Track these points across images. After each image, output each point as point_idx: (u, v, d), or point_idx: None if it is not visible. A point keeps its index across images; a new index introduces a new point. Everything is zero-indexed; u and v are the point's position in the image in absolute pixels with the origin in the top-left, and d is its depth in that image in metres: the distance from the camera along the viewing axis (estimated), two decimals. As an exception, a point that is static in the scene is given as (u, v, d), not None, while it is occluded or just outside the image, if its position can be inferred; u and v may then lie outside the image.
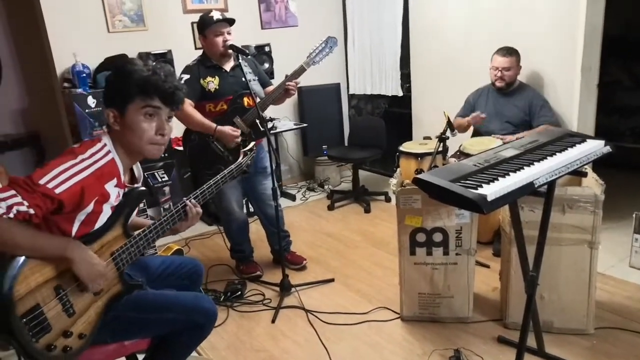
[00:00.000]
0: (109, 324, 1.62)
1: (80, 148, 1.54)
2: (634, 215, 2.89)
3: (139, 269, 1.89)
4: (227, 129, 2.74)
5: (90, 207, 1.51)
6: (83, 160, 1.50)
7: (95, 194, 1.51)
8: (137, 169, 1.78)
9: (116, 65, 1.65)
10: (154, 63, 1.68)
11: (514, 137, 3.21)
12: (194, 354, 2.44)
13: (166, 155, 3.92)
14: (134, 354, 1.86)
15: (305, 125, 4.84)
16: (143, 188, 1.75)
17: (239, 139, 2.75)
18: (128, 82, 1.58)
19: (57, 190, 1.42)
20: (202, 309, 1.77)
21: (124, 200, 1.64)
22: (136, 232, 1.65)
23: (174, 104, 1.66)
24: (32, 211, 1.38)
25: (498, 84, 3.39)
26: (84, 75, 3.66)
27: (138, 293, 1.70)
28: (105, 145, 1.59)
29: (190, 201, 1.76)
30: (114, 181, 1.58)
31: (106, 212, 1.58)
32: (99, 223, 1.57)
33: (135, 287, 1.69)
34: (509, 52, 3.32)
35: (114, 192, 1.58)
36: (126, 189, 1.66)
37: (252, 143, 2.19)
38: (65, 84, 3.76)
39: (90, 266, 1.50)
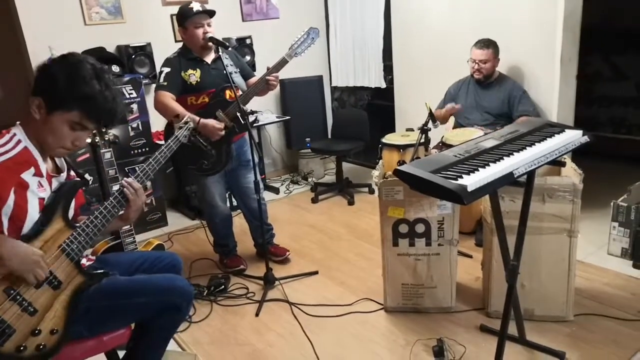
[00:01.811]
0: (83, 316, 1.60)
1: None
2: (611, 204, 2.94)
3: (115, 263, 1.87)
4: (211, 122, 2.70)
5: (11, 199, 1.46)
6: None
7: (9, 184, 1.46)
8: (59, 159, 1.71)
9: (70, 60, 1.52)
10: (107, 77, 1.56)
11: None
12: (177, 348, 2.44)
13: (147, 149, 3.87)
14: (114, 349, 1.83)
15: (288, 118, 4.82)
16: (77, 179, 1.72)
17: (223, 133, 2.72)
18: (75, 92, 1.50)
19: None
20: (175, 288, 1.76)
21: (58, 193, 1.60)
22: (82, 222, 1.61)
23: (105, 127, 1.63)
24: None
25: (476, 76, 3.42)
26: (61, 68, 3.58)
27: (108, 281, 1.68)
28: (14, 135, 1.53)
29: (124, 181, 1.70)
30: (32, 170, 1.53)
31: (32, 202, 1.52)
32: (30, 216, 1.51)
33: (101, 276, 1.66)
34: (486, 44, 3.34)
35: (34, 181, 1.53)
36: (53, 178, 1.61)
37: (187, 116, 2.13)
38: (42, 78, 3.67)
39: (21, 257, 1.43)
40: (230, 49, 2.98)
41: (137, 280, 1.78)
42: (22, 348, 1.43)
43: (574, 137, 1.83)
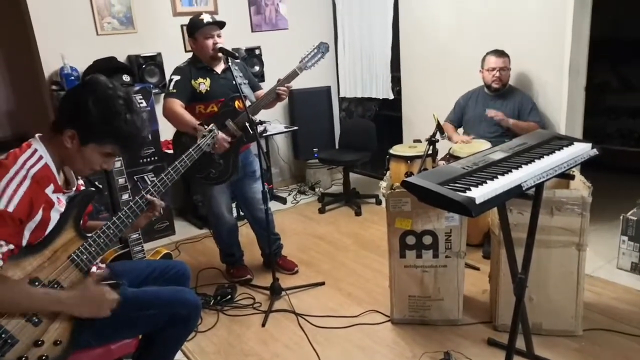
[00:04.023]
0: (91, 327, 1.60)
1: (8, 160, 1.50)
2: (621, 217, 2.92)
3: (124, 272, 1.87)
4: (221, 135, 2.71)
5: (38, 216, 1.48)
6: (18, 172, 1.46)
7: (41, 202, 1.48)
8: (70, 173, 1.71)
9: (103, 94, 1.52)
10: (135, 105, 1.60)
11: (510, 121, 3.25)
12: (183, 358, 2.43)
13: (156, 158, 3.90)
14: (121, 358, 1.83)
15: (296, 128, 4.83)
16: (91, 189, 1.73)
17: (228, 146, 2.73)
18: (112, 130, 1.53)
19: (10, 209, 1.40)
20: (183, 300, 1.76)
21: (71, 203, 1.61)
22: (94, 232, 1.62)
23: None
24: (11, 247, 1.40)
25: (495, 85, 3.39)
26: (73, 77, 3.63)
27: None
28: (36, 150, 1.54)
29: (148, 195, 1.73)
30: (52, 186, 1.54)
31: (55, 219, 1.54)
32: (50, 229, 1.54)
33: (110, 288, 1.65)
34: (502, 53, 3.36)
35: (54, 198, 1.54)
36: (64, 194, 1.61)
37: (212, 124, 2.15)
38: (54, 87, 3.72)
39: (83, 306, 1.53)
40: (238, 60, 3.01)
41: (145, 292, 1.78)
42: (23, 359, 1.43)
43: (582, 150, 1.82)
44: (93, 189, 1.74)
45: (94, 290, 1.56)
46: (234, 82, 2.70)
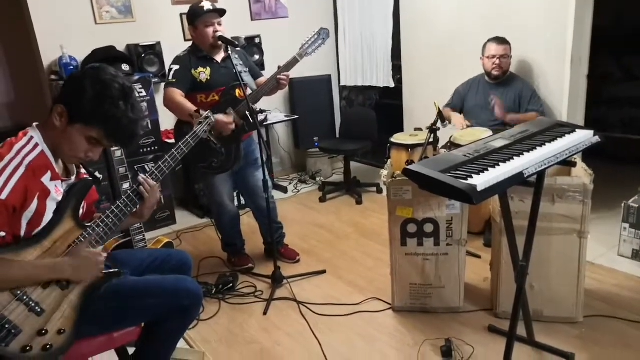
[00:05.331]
0: (93, 316, 1.61)
1: (4, 148, 1.50)
2: (622, 205, 2.92)
3: (125, 261, 1.88)
4: (220, 116, 2.70)
5: (34, 205, 1.48)
6: (12, 159, 1.47)
7: (36, 190, 1.48)
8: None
9: (101, 76, 1.52)
10: (134, 98, 1.56)
11: (507, 117, 3.25)
12: (185, 346, 2.45)
13: (157, 148, 3.89)
14: (124, 346, 1.85)
15: (296, 117, 4.82)
16: (89, 178, 1.72)
17: (233, 126, 2.72)
18: (100, 111, 1.50)
19: (3, 196, 1.40)
20: (184, 290, 1.76)
21: (69, 194, 1.60)
22: (92, 222, 1.62)
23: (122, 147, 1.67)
24: (3, 234, 1.40)
25: (495, 72, 3.37)
26: (72, 67, 3.62)
27: (118, 280, 1.68)
28: (32, 137, 1.54)
29: (140, 177, 1.72)
30: (49, 174, 1.54)
31: (50, 208, 1.54)
32: (46, 219, 1.54)
33: (112, 276, 1.65)
34: (503, 40, 3.34)
35: (52, 186, 1.54)
36: (63, 182, 1.61)
37: (208, 111, 2.13)
38: (53, 77, 3.71)
39: (80, 269, 1.53)
40: (239, 48, 2.99)
41: (147, 281, 1.79)
42: (28, 348, 1.44)
43: (584, 137, 1.81)
44: (91, 178, 1.73)
45: (86, 253, 1.57)
46: (234, 71, 2.69)
